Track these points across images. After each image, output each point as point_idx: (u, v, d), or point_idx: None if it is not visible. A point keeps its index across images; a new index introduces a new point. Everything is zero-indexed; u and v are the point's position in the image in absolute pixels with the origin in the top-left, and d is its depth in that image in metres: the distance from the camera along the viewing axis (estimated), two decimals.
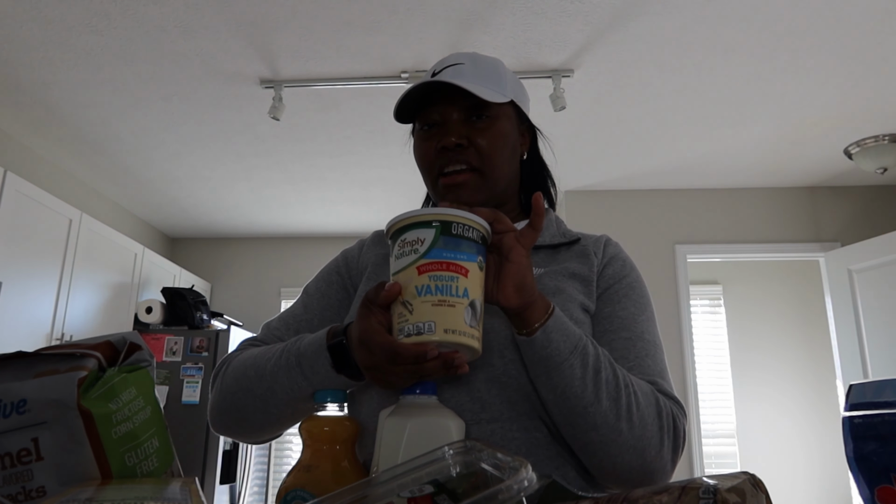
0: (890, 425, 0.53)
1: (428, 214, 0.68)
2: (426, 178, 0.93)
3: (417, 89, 0.88)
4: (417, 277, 0.67)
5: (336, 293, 0.97)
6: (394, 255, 0.71)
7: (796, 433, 4.67)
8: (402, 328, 0.67)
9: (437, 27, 2.48)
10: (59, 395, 0.59)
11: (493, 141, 0.88)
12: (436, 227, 0.68)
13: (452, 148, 0.87)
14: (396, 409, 0.71)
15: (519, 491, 0.41)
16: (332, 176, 3.92)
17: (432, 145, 0.89)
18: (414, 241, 0.68)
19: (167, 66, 2.73)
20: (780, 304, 4.90)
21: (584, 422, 0.73)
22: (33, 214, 2.98)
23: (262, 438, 0.90)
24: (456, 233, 0.68)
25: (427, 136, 0.91)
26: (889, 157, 3.41)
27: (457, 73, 0.89)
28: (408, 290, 0.67)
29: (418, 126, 0.93)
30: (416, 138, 0.94)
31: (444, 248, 0.67)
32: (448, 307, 0.66)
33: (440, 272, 0.66)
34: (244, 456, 3.91)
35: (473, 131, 0.88)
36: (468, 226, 0.69)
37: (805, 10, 2.38)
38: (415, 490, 0.48)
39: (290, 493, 0.65)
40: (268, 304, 4.97)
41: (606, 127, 3.30)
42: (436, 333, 0.65)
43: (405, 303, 0.67)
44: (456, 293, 0.66)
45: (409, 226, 0.69)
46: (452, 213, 0.68)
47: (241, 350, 0.93)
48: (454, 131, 0.87)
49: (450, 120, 0.89)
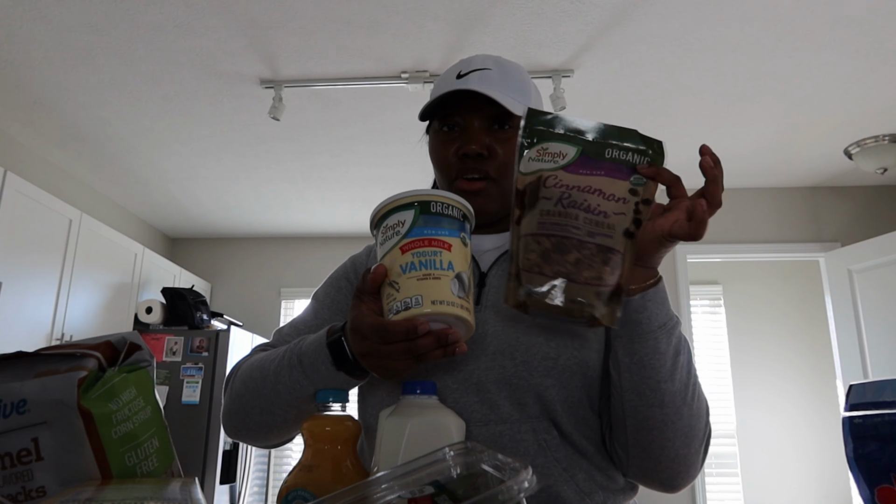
0: (890, 425, 0.53)
1: (407, 197, 0.69)
2: (442, 178, 0.93)
3: (447, 93, 0.88)
4: (401, 257, 0.68)
5: (345, 298, 0.97)
6: (378, 242, 0.72)
7: (796, 433, 4.67)
8: (391, 307, 0.68)
9: (437, 27, 2.48)
10: (59, 395, 0.60)
11: (511, 153, 0.88)
12: (415, 208, 0.69)
13: (473, 156, 0.87)
14: (396, 409, 0.71)
15: (519, 492, 0.41)
16: (332, 176, 3.92)
17: (452, 148, 0.89)
18: (395, 225, 0.69)
19: (167, 66, 2.73)
20: (780, 305, 4.90)
21: (653, 396, 0.74)
22: (33, 214, 2.98)
23: (272, 442, 0.90)
24: (435, 211, 0.69)
25: (448, 139, 0.90)
26: (889, 157, 3.41)
27: (484, 79, 0.88)
28: (393, 270, 0.68)
29: (438, 125, 0.92)
30: (434, 138, 0.93)
31: (425, 225, 0.68)
32: (433, 280, 0.66)
33: (423, 248, 0.68)
34: (244, 456, 3.91)
35: (495, 141, 0.88)
36: (448, 204, 0.70)
37: (806, 9, 2.38)
38: (415, 491, 0.48)
39: (291, 493, 0.65)
40: (268, 304, 4.97)
41: None
42: (424, 306, 0.66)
43: (392, 283, 0.68)
44: (441, 266, 0.67)
45: (390, 211, 0.70)
46: (430, 193, 0.69)
47: (251, 355, 0.94)
48: (476, 139, 0.87)
49: (472, 126, 0.89)
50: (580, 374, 0.81)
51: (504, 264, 0.90)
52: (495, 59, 0.92)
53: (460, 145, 0.88)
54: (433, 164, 0.94)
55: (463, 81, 0.88)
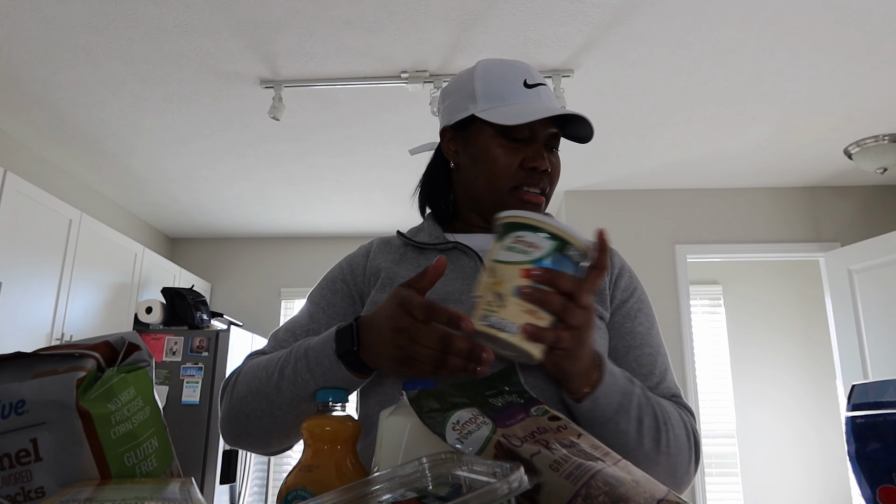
0: (892, 425, 0.53)
1: (553, 226, 0.70)
2: (493, 184, 0.92)
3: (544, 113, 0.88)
4: (519, 278, 0.68)
5: (341, 301, 0.96)
6: (503, 244, 0.72)
7: (796, 433, 4.67)
8: (488, 316, 0.68)
9: (437, 27, 2.48)
10: (57, 396, 0.59)
11: (558, 170, 0.95)
12: (555, 242, 0.69)
13: (542, 171, 0.91)
14: (397, 409, 0.70)
15: (510, 491, 0.41)
16: (332, 176, 3.91)
17: (517, 160, 0.91)
18: (529, 244, 0.70)
19: (167, 66, 2.73)
20: (780, 305, 4.90)
21: (627, 455, 0.77)
22: (33, 214, 2.98)
23: (272, 449, 0.89)
24: (568, 254, 0.70)
25: (512, 149, 0.91)
26: (889, 157, 3.41)
27: (549, 95, 0.94)
28: (504, 283, 0.69)
29: (498, 132, 0.91)
30: (495, 144, 0.92)
31: (554, 263, 0.69)
32: (537, 318, 0.68)
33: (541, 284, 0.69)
34: (244, 456, 3.91)
35: (552, 159, 0.93)
36: (579, 251, 0.71)
37: (805, 10, 2.38)
38: (406, 493, 0.48)
39: (291, 493, 0.65)
40: (268, 304, 4.97)
41: (606, 127, 3.30)
42: (514, 335, 0.67)
43: (499, 294, 0.68)
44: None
45: (533, 227, 0.70)
46: (573, 236, 0.70)
47: (245, 363, 0.92)
48: (544, 157, 0.91)
49: (538, 141, 0.92)
50: None
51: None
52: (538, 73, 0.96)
53: (530, 158, 0.90)
54: (481, 167, 0.93)
55: (535, 93, 0.92)
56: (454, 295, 0.88)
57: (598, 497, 0.49)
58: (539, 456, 0.54)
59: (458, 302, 0.87)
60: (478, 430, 0.57)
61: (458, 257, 0.94)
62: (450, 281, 0.90)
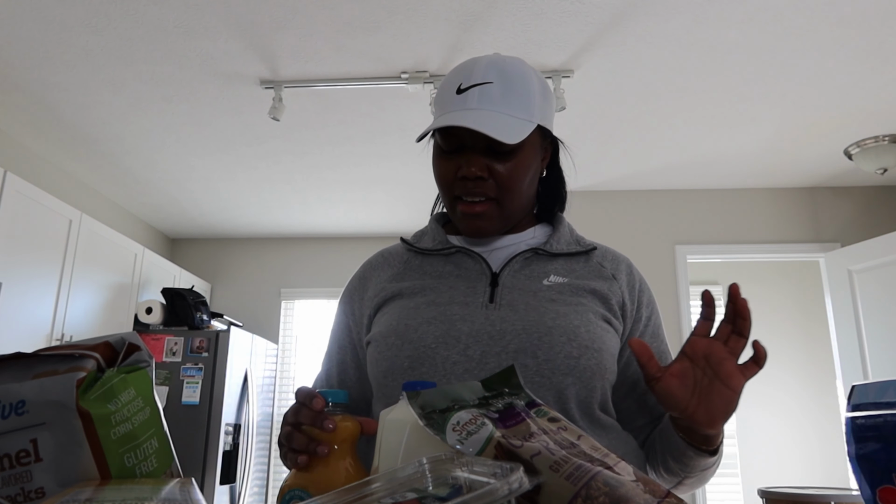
0: (892, 426, 0.53)
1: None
2: (444, 196, 0.92)
3: (442, 123, 0.84)
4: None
5: (352, 359, 0.98)
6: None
7: (796, 433, 4.67)
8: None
9: (437, 27, 2.48)
10: (57, 396, 0.59)
11: (513, 173, 0.86)
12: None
13: (473, 179, 0.86)
14: (397, 409, 0.70)
15: (510, 492, 0.41)
16: (332, 176, 3.91)
17: (452, 168, 0.88)
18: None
19: (167, 66, 2.73)
20: (781, 305, 4.90)
21: (682, 473, 0.87)
22: (33, 214, 2.98)
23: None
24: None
25: (447, 158, 0.89)
26: (889, 158, 3.41)
27: (484, 96, 0.84)
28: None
29: (439, 140, 0.89)
30: (436, 155, 0.91)
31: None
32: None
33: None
34: (244, 456, 3.91)
35: (495, 162, 0.86)
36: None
37: (805, 10, 2.38)
38: (406, 494, 0.48)
39: (289, 493, 0.65)
40: (268, 304, 4.97)
41: (606, 127, 3.30)
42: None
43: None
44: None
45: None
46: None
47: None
48: (475, 162, 0.85)
49: (472, 149, 0.86)
50: (599, 375, 0.83)
51: (517, 263, 0.91)
52: (498, 67, 0.87)
53: (459, 166, 0.87)
54: (435, 179, 0.92)
55: (462, 99, 0.85)
56: (459, 298, 0.88)
57: (599, 498, 0.49)
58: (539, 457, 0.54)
59: (463, 304, 0.87)
60: (478, 431, 0.57)
61: (462, 261, 0.93)
62: (454, 284, 0.91)
